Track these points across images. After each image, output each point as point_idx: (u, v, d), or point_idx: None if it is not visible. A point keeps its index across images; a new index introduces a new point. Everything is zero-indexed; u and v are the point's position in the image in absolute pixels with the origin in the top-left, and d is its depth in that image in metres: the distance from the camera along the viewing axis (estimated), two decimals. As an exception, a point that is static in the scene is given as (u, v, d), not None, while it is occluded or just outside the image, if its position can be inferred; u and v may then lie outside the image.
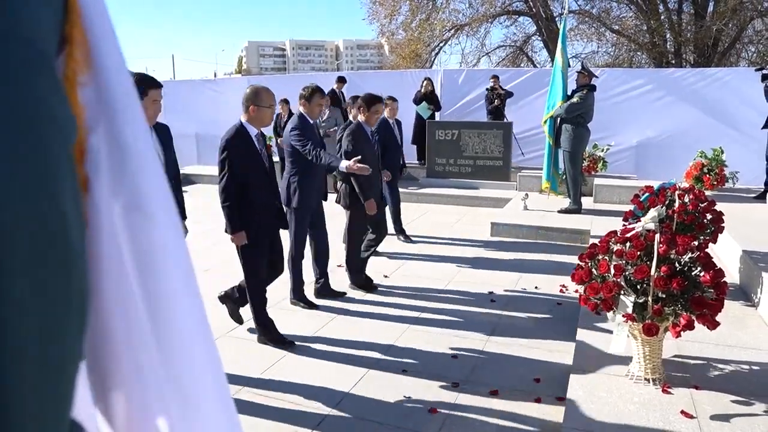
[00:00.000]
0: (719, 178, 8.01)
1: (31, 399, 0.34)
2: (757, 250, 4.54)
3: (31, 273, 0.33)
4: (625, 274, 2.85)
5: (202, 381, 0.53)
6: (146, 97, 3.25)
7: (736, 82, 9.77)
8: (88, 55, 0.46)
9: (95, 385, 0.53)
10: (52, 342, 0.35)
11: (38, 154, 0.34)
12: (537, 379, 3.50)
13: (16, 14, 0.34)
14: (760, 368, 3.15)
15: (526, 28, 21.12)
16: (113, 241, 0.48)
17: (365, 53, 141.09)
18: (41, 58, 0.36)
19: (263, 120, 3.78)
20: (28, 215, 0.33)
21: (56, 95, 0.37)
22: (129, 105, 0.48)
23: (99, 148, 0.47)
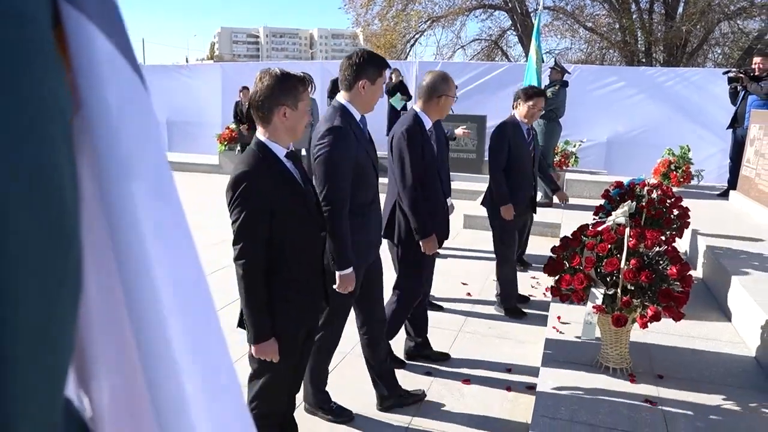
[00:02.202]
0: (685, 175, 8.22)
1: (30, 368, 0.34)
2: (719, 245, 4.69)
3: (33, 250, 0.34)
4: (596, 266, 2.93)
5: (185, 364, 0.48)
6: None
7: (704, 82, 10.03)
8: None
9: (77, 369, 0.53)
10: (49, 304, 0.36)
11: (38, 133, 0.35)
12: (508, 368, 3.58)
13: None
14: (720, 358, 3.27)
15: (501, 23, 21.28)
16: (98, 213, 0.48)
17: (340, 43, 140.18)
18: (39, 36, 0.36)
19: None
20: (30, 189, 0.34)
21: (54, 72, 0.37)
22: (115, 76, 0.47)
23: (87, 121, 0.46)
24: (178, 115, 13.92)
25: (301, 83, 2.09)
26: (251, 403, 2.29)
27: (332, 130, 2.50)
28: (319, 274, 2.29)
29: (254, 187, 2.03)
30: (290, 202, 2.12)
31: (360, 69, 2.58)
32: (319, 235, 2.26)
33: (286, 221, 2.10)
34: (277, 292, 2.13)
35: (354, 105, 2.63)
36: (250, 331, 2.11)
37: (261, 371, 2.25)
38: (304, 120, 2.16)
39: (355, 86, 2.59)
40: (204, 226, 6.88)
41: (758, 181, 5.89)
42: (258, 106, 2.08)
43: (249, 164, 2.08)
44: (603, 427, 2.54)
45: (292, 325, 2.22)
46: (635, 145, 10.35)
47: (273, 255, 2.10)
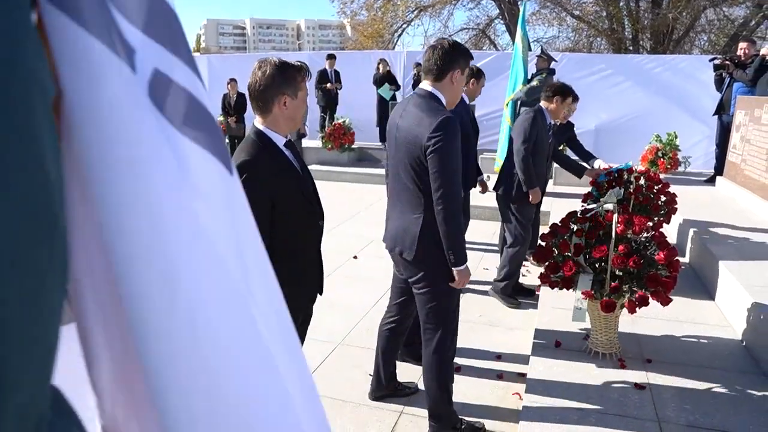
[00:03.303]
0: (673, 162, 8.29)
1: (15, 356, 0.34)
2: (706, 231, 4.74)
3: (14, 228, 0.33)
4: (585, 253, 2.95)
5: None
6: None
7: (691, 69, 10.08)
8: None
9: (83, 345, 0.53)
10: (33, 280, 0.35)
11: (21, 113, 0.34)
12: (498, 356, 3.60)
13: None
14: (707, 342, 3.31)
15: (489, 11, 21.24)
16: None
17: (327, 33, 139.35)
18: (20, 16, 0.36)
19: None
20: (12, 172, 0.33)
21: (36, 52, 0.37)
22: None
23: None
24: (165, 108, 13.79)
25: (298, 72, 2.08)
26: None
27: (447, 121, 2.33)
28: (317, 262, 2.29)
29: (257, 175, 2.00)
30: (291, 191, 2.11)
31: (453, 59, 2.44)
32: (318, 224, 2.25)
33: (286, 210, 2.09)
34: (280, 281, 2.10)
35: (443, 95, 2.48)
36: None
37: None
38: (303, 109, 2.15)
39: (446, 76, 2.45)
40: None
41: (744, 167, 5.95)
42: (258, 95, 2.06)
43: (250, 153, 2.05)
44: (593, 411, 2.57)
45: (294, 312, 2.20)
46: (623, 132, 10.39)
47: (275, 244, 2.08)
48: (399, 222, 2.55)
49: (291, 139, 2.19)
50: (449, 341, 2.66)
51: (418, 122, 2.39)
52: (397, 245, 2.55)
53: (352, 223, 6.99)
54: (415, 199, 2.45)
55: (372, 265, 5.35)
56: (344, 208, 7.72)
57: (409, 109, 2.48)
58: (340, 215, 7.27)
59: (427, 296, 2.58)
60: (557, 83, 4.52)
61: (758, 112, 5.68)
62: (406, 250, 2.49)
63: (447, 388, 2.72)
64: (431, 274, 2.53)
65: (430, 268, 2.52)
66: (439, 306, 2.58)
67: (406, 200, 2.50)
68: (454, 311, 2.66)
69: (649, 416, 2.54)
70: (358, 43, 23.75)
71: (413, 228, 2.46)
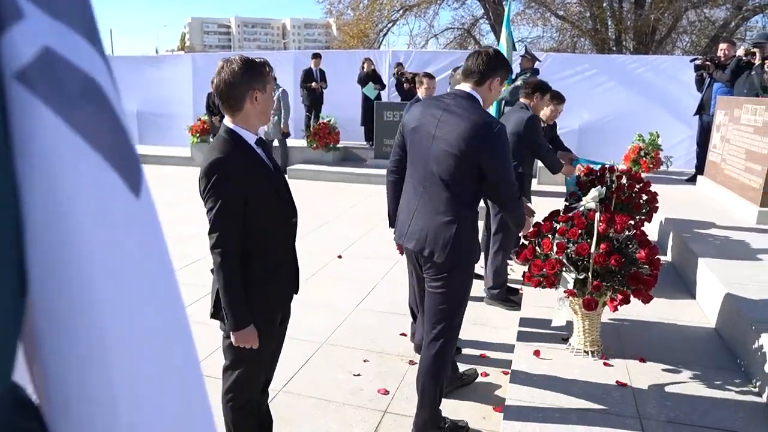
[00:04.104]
0: (655, 161, 8.38)
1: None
2: (687, 229, 4.79)
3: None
4: (567, 251, 2.96)
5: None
6: None
7: (673, 69, 10.19)
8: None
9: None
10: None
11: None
12: (483, 354, 3.61)
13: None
14: (688, 338, 3.35)
15: (473, 11, 21.33)
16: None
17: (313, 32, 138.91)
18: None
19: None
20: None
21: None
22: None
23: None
24: (149, 107, 13.67)
25: (264, 66, 2.08)
26: (227, 395, 2.27)
27: (502, 130, 2.44)
28: (291, 260, 2.29)
29: (229, 173, 1.99)
30: (263, 188, 2.10)
31: (495, 66, 2.53)
32: (291, 221, 2.24)
33: (259, 208, 2.07)
34: (255, 279, 2.12)
35: (481, 97, 2.55)
36: (230, 319, 2.06)
37: (238, 361, 2.22)
38: (271, 101, 2.15)
39: (487, 82, 2.53)
40: (176, 220, 6.80)
41: (724, 166, 6.02)
42: (228, 94, 2.03)
43: (223, 151, 2.03)
44: (575, 409, 2.59)
45: (270, 311, 2.21)
46: (607, 131, 10.48)
47: (248, 242, 2.08)
48: (430, 223, 2.53)
49: (267, 138, 2.19)
50: (453, 343, 2.70)
51: (471, 130, 2.40)
52: (427, 246, 2.52)
53: (336, 222, 6.98)
54: (451, 203, 2.47)
55: (356, 265, 5.35)
56: (329, 207, 7.71)
57: (452, 108, 2.50)
58: (325, 215, 7.25)
59: (443, 297, 2.58)
60: (535, 80, 4.55)
61: (737, 112, 5.76)
62: (438, 252, 2.48)
63: (442, 388, 2.73)
64: (454, 277, 2.55)
65: (455, 270, 2.54)
66: (450, 308, 2.60)
67: (441, 202, 2.49)
68: (461, 314, 2.69)
69: (630, 413, 2.56)
70: (344, 42, 23.72)
71: (446, 231, 2.47)
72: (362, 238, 6.29)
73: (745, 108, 5.58)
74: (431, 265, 2.57)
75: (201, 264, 5.06)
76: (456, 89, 2.61)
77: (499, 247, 4.41)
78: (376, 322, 4.10)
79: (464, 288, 2.63)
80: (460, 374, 3.22)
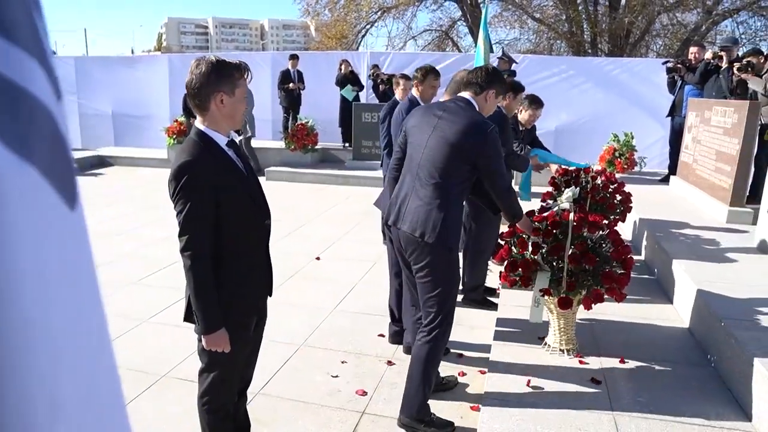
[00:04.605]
0: (629, 162, 8.52)
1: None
2: (660, 229, 4.89)
3: None
4: (542, 251, 3.00)
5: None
6: None
7: (647, 72, 10.37)
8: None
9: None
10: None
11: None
12: (460, 354, 3.64)
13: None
14: (660, 336, 3.41)
15: (451, 13, 21.45)
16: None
17: (291, 34, 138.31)
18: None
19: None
20: None
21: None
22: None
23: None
24: (124, 108, 13.48)
25: (237, 70, 2.06)
26: (202, 398, 2.26)
27: (495, 132, 2.70)
28: (264, 263, 2.28)
29: (199, 176, 1.98)
30: (235, 191, 2.08)
31: (492, 80, 2.86)
32: (264, 223, 2.23)
33: (231, 211, 2.06)
34: (227, 282, 2.11)
35: (478, 106, 2.85)
36: (201, 322, 2.05)
37: (212, 364, 2.20)
38: (242, 107, 2.13)
39: (484, 92, 2.85)
40: (152, 222, 6.72)
41: (696, 167, 6.15)
42: (194, 93, 2.03)
43: (192, 153, 2.01)
44: (551, 406, 2.62)
45: (243, 315, 2.20)
46: (583, 133, 10.62)
47: (221, 245, 2.07)
48: (423, 208, 2.70)
49: (237, 139, 2.17)
50: (444, 332, 2.77)
51: (467, 127, 2.69)
52: (419, 228, 2.68)
53: (314, 224, 6.97)
54: (441, 191, 2.68)
55: (334, 267, 5.34)
56: (307, 209, 7.69)
57: (452, 111, 2.79)
58: (303, 217, 7.24)
59: (430, 285, 2.71)
60: (509, 80, 4.59)
61: (708, 114, 5.88)
62: (428, 233, 2.65)
63: (431, 378, 2.79)
64: (439, 261, 2.69)
65: (441, 255, 2.68)
66: (441, 294, 2.71)
67: (433, 189, 2.69)
68: (453, 303, 2.80)
69: (604, 408, 2.60)
70: (322, 43, 23.69)
71: (437, 214, 2.66)
72: (340, 239, 6.29)
73: (715, 110, 5.70)
74: (419, 252, 2.69)
75: (176, 267, 5.00)
76: (457, 96, 2.91)
77: (477, 247, 4.43)
78: (354, 323, 4.10)
79: (451, 274, 2.75)
80: (441, 379, 3.24)
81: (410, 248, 2.74)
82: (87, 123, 13.58)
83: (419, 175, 2.75)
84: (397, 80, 5.48)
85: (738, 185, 5.10)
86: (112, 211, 7.44)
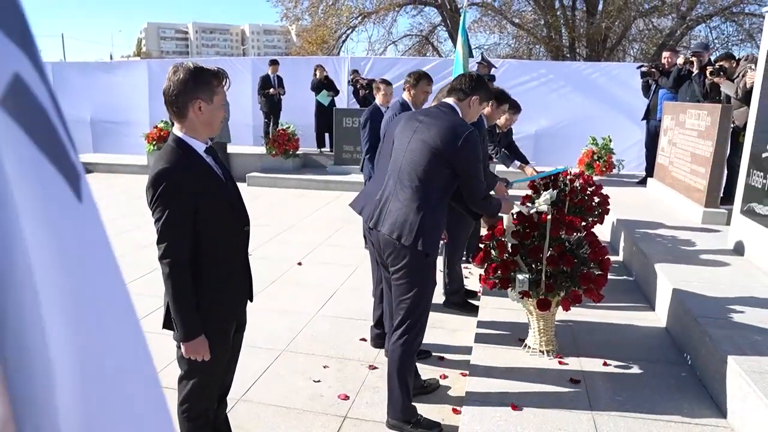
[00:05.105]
0: (608, 164, 8.64)
1: None
2: (637, 230, 4.96)
3: None
4: (521, 253, 3.04)
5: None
6: None
7: (624, 76, 10.54)
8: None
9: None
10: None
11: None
12: (441, 357, 3.66)
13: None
14: (639, 336, 3.46)
15: (431, 18, 21.59)
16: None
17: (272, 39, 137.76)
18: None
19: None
20: None
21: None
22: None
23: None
24: (103, 115, 13.35)
25: (215, 77, 2.05)
26: (182, 405, 2.25)
27: (473, 134, 2.73)
28: (244, 269, 2.28)
29: (177, 183, 1.97)
30: (213, 197, 2.08)
31: (476, 87, 2.90)
32: (243, 230, 2.23)
33: (210, 217, 2.05)
34: (205, 289, 2.10)
35: (461, 111, 2.89)
36: (180, 329, 2.04)
37: (192, 371, 2.19)
38: (220, 114, 2.12)
39: (468, 99, 2.89)
40: (132, 229, 6.66)
41: (672, 169, 6.26)
42: (172, 100, 2.01)
43: (169, 161, 2.01)
44: (530, 407, 2.65)
45: (222, 321, 2.20)
46: (562, 136, 10.75)
47: (199, 252, 2.07)
48: (402, 210, 2.73)
49: (211, 144, 2.18)
50: (416, 335, 2.80)
51: (446, 130, 2.72)
52: (396, 230, 2.70)
53: (296, 229, 6.95)
54: (420, 194, 2.71)
55: (316, 272, 5.34)
56: (288, 215, 7.67)
57: (434, 115, 2.84)
58: (284, 222, 7.22)
59: (405, 287, 2.75)
60: (495, 88, 4.60)
61: (683, 117, 5.99)
62: (405, 236, 2.67)
63: (406, 379, 2.83)
64: (415, 265, 2.71)
65: (417, 258, 2.70)
66: (414, 297, 2.75)
67: (412, 192, 2.73)
68: (425, 307, 2.83)
69: (583, 407, 2.64)
70: (303, 48, 23.67)
71: (414, 217, 2.68)
72: (322, 244, 6.28)
73: (689, 113, 5.81)
74: (396, 254, 2.72)
75: (156, 274, 4.95)
76: (441, 102, 2.96)
77: (450, 249, 4.44)
78: (336, 328, 4.10)
79: (427, 277, 2.77)
80: (422, 382, 3.26)
81: (387, 250, 2.77)
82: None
83: (400, 179, 2.79)
84: (378, 85, 5.51)
85: (712, 187, 5.20)
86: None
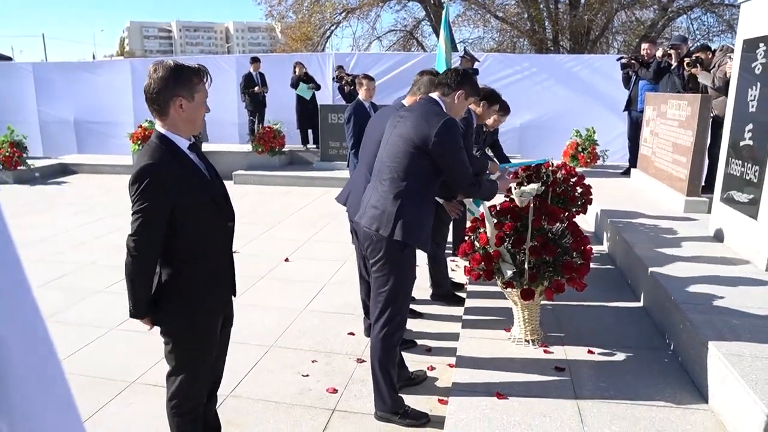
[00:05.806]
0: (592, 156, 8.71)
1: None
2: (621, 220, 5.02)
3: None
4: (505, 244, 3.07)
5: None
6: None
7: (607, 68, 10.62)
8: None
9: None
10: None
11: None
12: (428, 348, 3.69)
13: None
14: (622, 323, 3.52)
15: (415, 13, 21.60)
16: None
17: (257, 36, 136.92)
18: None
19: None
20: None
21: None
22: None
23: None
24: (86, 115, 13.22)
25: (196, 75, 2.05)
26: (171, 401, 2.25)
27: (452, 122, 2.74)
28: (228, 265, 2.29)
29: (160, 179, 1.97)
30: (197, 194, 2.08)
31: (462, 82, 2.89)
32: (227, 225, 2.24)
33: (194, 213, 2.06)
34: (190, 287, 2.11)
35: (445, 106, 2.89)
36: (131, 308, 2.09)
37: (180, 367, 2.20)
38: (202, 111, 2.12)
39: (453, 93, 2.88)
40: (118, 229, 6.63)
41: (654, 159, 6.33)
42: (153, 98, 2.02)
43: (153, 157, 2.01)
44: (516, 395, 2.69)
45: (209, 317, 2.21)
46: (546, 129, 10.82)
47: (182, 248, 2.08)
48: (381, 202, 2.76)
49: (195, 141, 2.19)
50: (396, 326, 2.83)
51: (421, 122, 2.73)
52: (375, 221, 2.74)
53: (283, 226, 6.95)
54: (399, 186, 2.73)
55: (303, 268, 5.35)
56: (275, 211, 7.67)
57: (414, 109, 2.87)
58: (272, 219, 7.22)
59: (384, 279, 2.77)
60: (488, 89, 4.56)
61: (664, 107, 6.06)
62: (383, 227, 2.71)
63: (389, 371, 2.86)
64: (392, 257, 2.73)
65: (394, 250, 2.72)
66: (392, 289, 2.77)
67: (391, 184, 2.75)
68: (405, 299, 2.85)
69: (568, 395, 2.68)
70: (287, 45, 23.58)
71: (391, 208, 2.71)
72: (309, 240, 6.29)
73: (670, 103, 5.88)
74: (374, 246, 2.75)
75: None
76: (426, 96, 2.96)
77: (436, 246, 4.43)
78: (324, 322, 4.12)
79: (405, 270, 2.79)
80: (409, 374, 3.29)
81: (366, 242, 2.81)
82: (48, 131, 13.27)
83: (380, 172, 2.83)
84: (360, 80, 5.52)
85: (693, 175, 5.27)
86: (78, 220, 7.31)
